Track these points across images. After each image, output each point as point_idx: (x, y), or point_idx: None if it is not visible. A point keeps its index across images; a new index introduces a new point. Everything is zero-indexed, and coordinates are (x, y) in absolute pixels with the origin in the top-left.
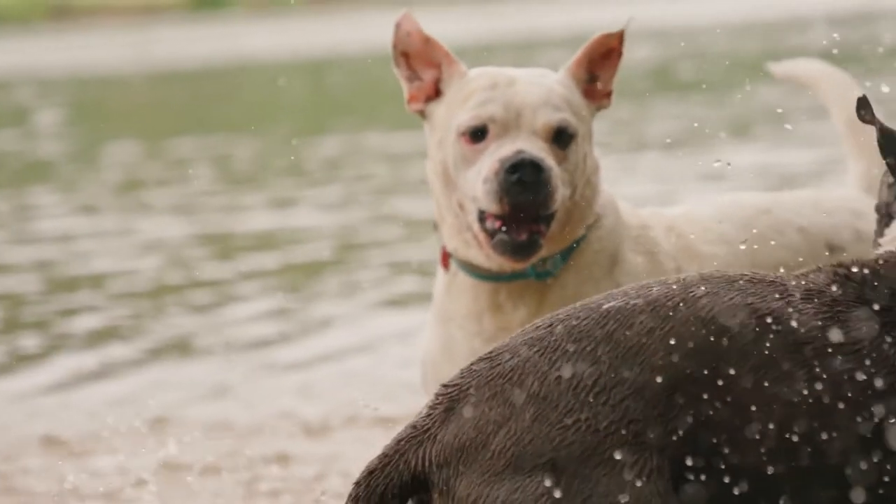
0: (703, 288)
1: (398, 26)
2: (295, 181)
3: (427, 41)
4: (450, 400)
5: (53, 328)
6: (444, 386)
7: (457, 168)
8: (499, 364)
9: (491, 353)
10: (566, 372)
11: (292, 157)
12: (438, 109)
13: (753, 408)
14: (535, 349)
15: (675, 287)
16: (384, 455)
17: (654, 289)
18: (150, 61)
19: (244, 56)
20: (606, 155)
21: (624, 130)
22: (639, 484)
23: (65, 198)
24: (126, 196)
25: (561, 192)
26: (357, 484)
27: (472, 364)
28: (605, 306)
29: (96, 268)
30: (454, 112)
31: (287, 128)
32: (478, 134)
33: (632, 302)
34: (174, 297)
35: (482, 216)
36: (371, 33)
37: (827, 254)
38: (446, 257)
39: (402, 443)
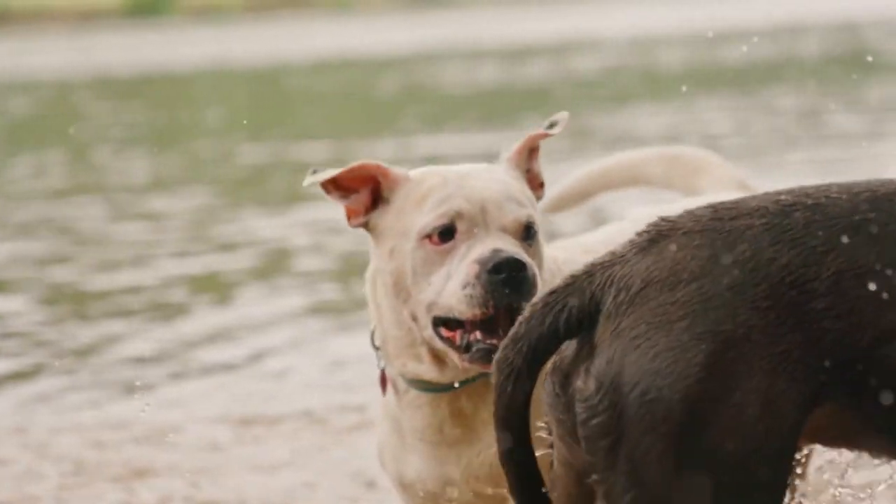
0: None
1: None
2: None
3: (352, 170)
4: (658, 233)
5: None
6: (661, 218)
7: (416, 275)
8: (721, 219)
9: (721, 204)
10: (783, 258)
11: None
12: (385, 218)
13: None
14: (764, 222)
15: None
16: (572, 276)
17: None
18: (87, 68)
19: (179, 63)
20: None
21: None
22: (787, 393)
23: None
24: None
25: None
26: (533, 305)
27: (697, 209)
28: (860, 208)
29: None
30: (410, 216)
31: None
32: (445, 234)
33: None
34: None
35: (440, 325)
36: (308, 40)
37: None
38: (385, 381)
39: (595, 265)
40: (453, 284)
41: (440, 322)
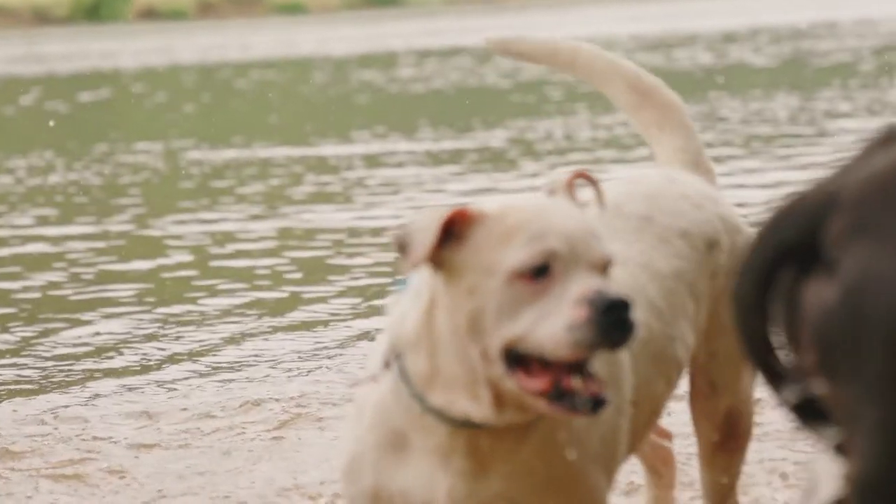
0: None
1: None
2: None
3: (438, 230)
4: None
5: None
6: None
7: (502, 314)
8: None
9: None
10: None
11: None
12: (460, 255)
13: None
14: None
15: None
16: (797, 192)
17: None
18: (36, 69)
19: (127, 66)
20: None
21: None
22: None
23: None
24: None
25: None
26: (760, 230)
27: None
28: None
29: None
30: (494, 253)
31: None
32: (539, 272)
33: None
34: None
35: (516, 365)
36: (264, 45)
37: (707, 252)
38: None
39: (824, 176)
40: (553, 325)
41: (515, 361)
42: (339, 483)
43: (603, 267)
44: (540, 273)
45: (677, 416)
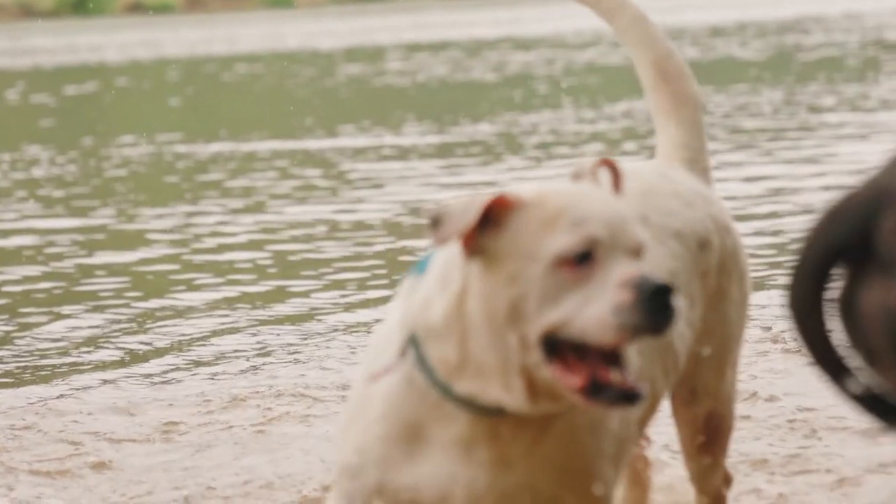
0: None
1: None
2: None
3: (478, 213)
4: None
5: None
6: None
7: (544, 300)
8: None
9: None
10: None
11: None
12: (499, 241)
13: None
14: None
15: None
16: (845, 194)
17: None
18: (21, 62)
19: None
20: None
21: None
22: None
23: None
24: None
25: None
26: (809, 232)
27: None
28: None
29: None
30: (536, 239)
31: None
32: (582, 258)
33: None
34: None
35: (553, 354)
36: (251, 39)
37: (699, 252)
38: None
39: (874, 172)
40: (598, 309)
41: (552, 351)
42: (336, 478)
43: (638, 252)
44: (583, 259)
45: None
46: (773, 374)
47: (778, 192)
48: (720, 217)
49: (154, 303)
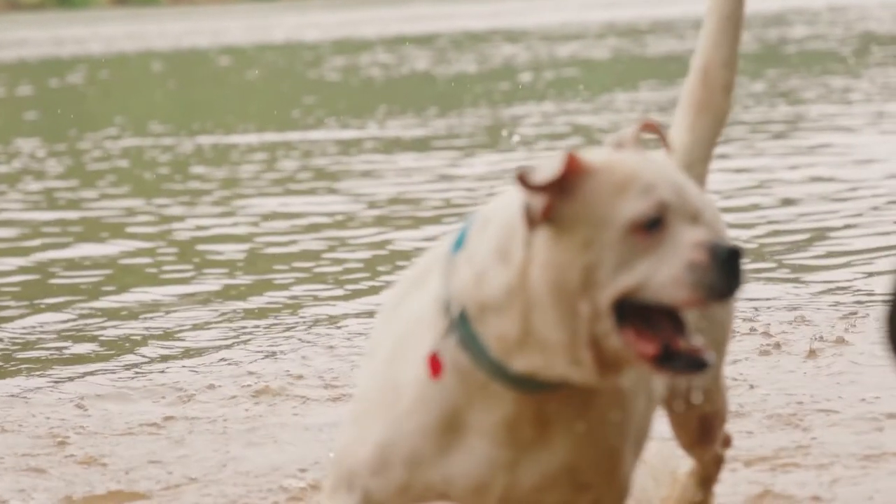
0: None
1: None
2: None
3: (560, 165)
4: None
5: None
6: None
7: (619, 265)
8: None
9: None
10: None
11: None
12: (571, 207)
13: None
14: None
15: None
16: None
17: None
18: (5, 55)
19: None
20: None
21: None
22: None
23: None
24: None
25: None
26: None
27: None
28: None
29: None
30: (607, 205)
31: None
32: (654, 223)
33: None
34: None
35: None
36: (236, 31)
37: None
38: (439, 366)
39: None
40: (672, 269)
41: (621, 317)
42: (363, 473)
43: (698, 218)
44: (654, 224)
45: None
46: (752, 363)
47: (762, 184)
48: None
49: (134, 295)
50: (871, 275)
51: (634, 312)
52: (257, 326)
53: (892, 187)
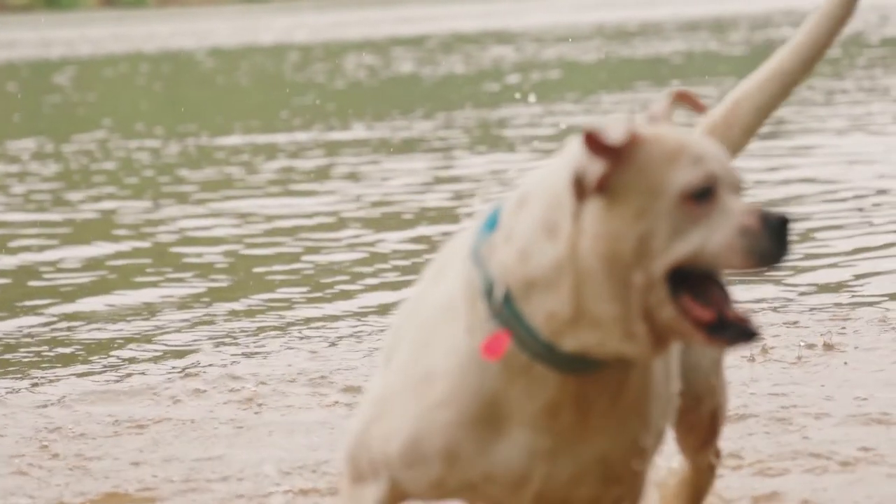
0: None
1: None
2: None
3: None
4: None
5: None
6: None
7: (673, 235)
8: None
9: None
10: None
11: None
12: (626, 177)
13: None
14: None
15: None
16: None
17: None
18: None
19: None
20: None
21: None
22: None
23: None
24: None
25: None
26: None
27: None
28: None
29: None
30: (660, 175)
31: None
32: (704, 193)
33: None
34: None
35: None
36: (224, 33)
37: None
38: (500, 349)
39: None
40: (725, 234)
41: (676, 282)
42: (395, 465)
43: (740, 189)
44: (704, 194)
45: None
46: (739, 366)
47: (754, 185)
48: None
49: (119, 297)
50: (857, 276)
51: (683, 285)
52: (242, 328)
53: (877, 188)
